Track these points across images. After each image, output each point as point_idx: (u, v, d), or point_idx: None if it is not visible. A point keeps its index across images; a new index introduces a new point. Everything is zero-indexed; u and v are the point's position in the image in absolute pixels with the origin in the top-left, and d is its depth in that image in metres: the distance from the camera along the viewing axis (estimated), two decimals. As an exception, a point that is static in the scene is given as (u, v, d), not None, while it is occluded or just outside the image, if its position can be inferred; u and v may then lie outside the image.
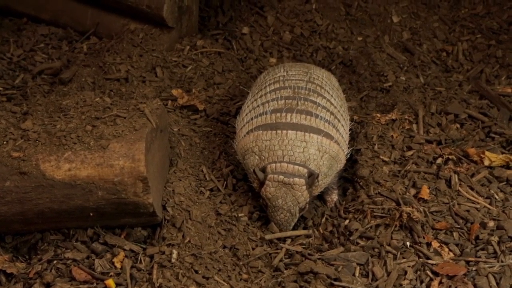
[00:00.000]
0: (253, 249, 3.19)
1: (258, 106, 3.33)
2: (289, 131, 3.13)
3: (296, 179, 3.06)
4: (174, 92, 4.05)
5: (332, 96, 3.40)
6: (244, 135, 3.29)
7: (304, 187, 3.07)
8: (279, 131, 3.14)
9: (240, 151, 3.32)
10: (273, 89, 3.36)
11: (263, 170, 3.14)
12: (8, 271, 2.94)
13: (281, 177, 3.06)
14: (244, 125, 3.34)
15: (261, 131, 3.19)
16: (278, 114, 3.19)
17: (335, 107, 3.35)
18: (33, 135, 3.03)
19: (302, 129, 3.14)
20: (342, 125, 3.33)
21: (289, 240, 3.26)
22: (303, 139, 3.12)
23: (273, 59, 4.65)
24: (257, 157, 3.18)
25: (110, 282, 2.86)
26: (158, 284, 2.87)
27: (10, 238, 3.15)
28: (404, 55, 4.67)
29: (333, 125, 3.24)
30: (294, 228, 3.27)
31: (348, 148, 3.38)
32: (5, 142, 3.01)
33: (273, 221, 3.21)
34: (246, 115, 3.37)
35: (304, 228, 3.36)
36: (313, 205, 3.45)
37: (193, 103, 3.99)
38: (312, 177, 3.09)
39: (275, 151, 3.11)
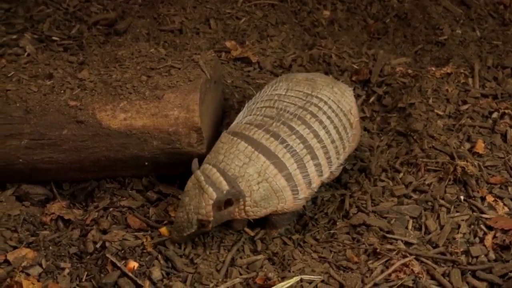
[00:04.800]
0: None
1: (241, 117, 3.06)
2: (242, 142, 2.84)
3: (210, 190, 2.73)
4: (228, 44, 4.05)
5: (325, 127, 2.98)
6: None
7: (211, 203, 2.72)
8: (235, 138, 2.86)
9: None
10: (261, 107, 3.05)
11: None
12: (66, 217, 3.02)
13: (202, 178, 2.75)
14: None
15: (226, 133, 2.94)
16: (247, 126, 2.91)
17: (319, 142, 2.94)
18: (90, 84, 3.07)
19: (255, 147, 2.83)
20: (314, 165, 2.91)
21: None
22: (248, 155, 2.80)
23: (327, 11, 4.60)
24: (208, 155, 2.90)
25: (164, 230, 2.91)
26: (211, 234, 2.91)
27: (67, 185, 3.22)
28: (460, 8, 4.59)
29: (297, 160, 2.86)
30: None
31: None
32: (62, 91, 3.05)
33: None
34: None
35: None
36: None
37: (246, 55, 3.99)
38: (227, 202, 2.75)
39: (219, 154, 2.84)
